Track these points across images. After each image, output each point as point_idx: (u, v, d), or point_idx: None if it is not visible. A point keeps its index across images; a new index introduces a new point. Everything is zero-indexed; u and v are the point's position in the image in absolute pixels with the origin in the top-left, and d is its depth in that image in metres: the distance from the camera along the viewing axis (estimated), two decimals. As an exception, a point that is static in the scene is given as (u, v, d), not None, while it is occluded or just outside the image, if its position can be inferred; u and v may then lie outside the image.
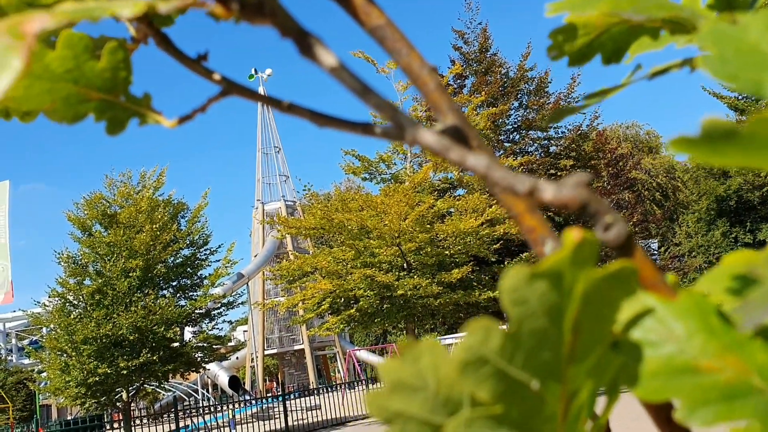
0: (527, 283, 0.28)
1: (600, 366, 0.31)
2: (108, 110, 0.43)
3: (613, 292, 0.30)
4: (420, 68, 0.40)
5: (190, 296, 19.64)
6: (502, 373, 0.29)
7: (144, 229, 17.99)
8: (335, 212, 17.23)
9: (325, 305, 17.59)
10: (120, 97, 0.43)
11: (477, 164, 0.30)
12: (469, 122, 0.40)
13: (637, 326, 0.31)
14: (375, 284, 16.42)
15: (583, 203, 0.31)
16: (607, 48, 0.59)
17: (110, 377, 16.26)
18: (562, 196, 0.30)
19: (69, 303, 17.48)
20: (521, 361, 0.29)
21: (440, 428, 0.31)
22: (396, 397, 0.31)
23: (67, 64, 0.41)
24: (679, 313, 0.31)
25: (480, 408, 0.29)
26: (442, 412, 0.31)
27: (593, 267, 0.29)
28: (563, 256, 0.28)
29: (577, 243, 0.28)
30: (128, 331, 16.31)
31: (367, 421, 19.92)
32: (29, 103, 0.41)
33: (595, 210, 0.31)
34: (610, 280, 0.29)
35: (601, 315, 0.30)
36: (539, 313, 0.28)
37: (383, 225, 16.34)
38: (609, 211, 0.31)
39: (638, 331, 0.31)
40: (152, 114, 0.44)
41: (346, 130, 0.41)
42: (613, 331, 0.31)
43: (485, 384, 0.29)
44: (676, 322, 0.31)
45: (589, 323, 0.29)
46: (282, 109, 0.42)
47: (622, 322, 0.31)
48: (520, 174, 0.30)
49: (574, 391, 0.31)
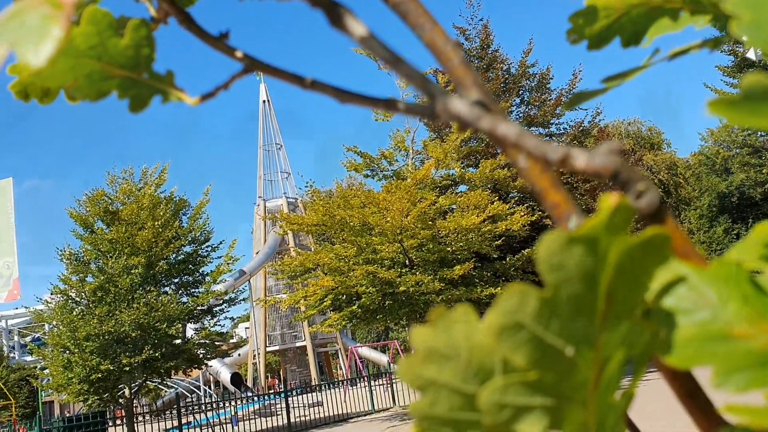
0: (564, 249, 0.28)
1: (632, 334, 0.31)
2: (131, 87, 0.43)
3: (647, 259, 0.30)
4: (444, 43, 0.40)
5: (192, 293, 19.66)
6: (537, 338, 0.29)
7: (146, 226, 18.00)
8: (337, 209, 17.22)
9: (327, 302, 17.59)
10: (143, 75, 0.43)
11: (508, 132, 0.30)
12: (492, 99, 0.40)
13: (669, 294, 0.31)
14: (377, 281, 16.42)
15: (614, 171, 0.31)
16: (627, 30, 0.59)
17: (113, 374, 16.29)
18: (595, 163, 0.30)
19: (71, 300, 17.51)
20: (557, 327, 0.29)
21: (472, 397, 0.31)
22: (428, 365, 0.31)
23: (91, 40, 0.41)
24: (712, 280, 0.31)
25: (514, 374, 0.29)
26: (474, 380, 0.31)
27: (627, 234, 0.29)
28: (599, 222, 0.28)
29: (613, 208, 0.28)
30: (130, 327, 16.33)
31: (369, 418, 19.95)
32: (53, 79, 0.41)
33: (627, 178, 0.31)
34: (644, 247, 0.29)
35: (634, 282, 0.30)
36: (575, 279, 0.28)
37: (385, 222, 16.34)
38: (641, 179, 0.31)
39: (671, 299, 0.31)
40: (175, 91, 0.44)
41: (368, 106, 0.41)
42: (645, 299, 0.31)
43: (521, 350, 0.29)
44: (709, 289, 0.31)
45: (622, 290, 0.29)
46: (305, 86, 0.42)
47: (655, 290, 0.31)
48: (551, 142, 0.30)
49: (607, 359, 0.31)
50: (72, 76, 0.42)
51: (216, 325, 20.26)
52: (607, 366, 0.31)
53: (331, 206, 17.56)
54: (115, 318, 16.45)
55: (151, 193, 18.98)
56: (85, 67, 0.42)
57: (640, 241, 0.29)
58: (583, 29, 0.57)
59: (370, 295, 16.60)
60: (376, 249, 16.73)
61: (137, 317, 16.40)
